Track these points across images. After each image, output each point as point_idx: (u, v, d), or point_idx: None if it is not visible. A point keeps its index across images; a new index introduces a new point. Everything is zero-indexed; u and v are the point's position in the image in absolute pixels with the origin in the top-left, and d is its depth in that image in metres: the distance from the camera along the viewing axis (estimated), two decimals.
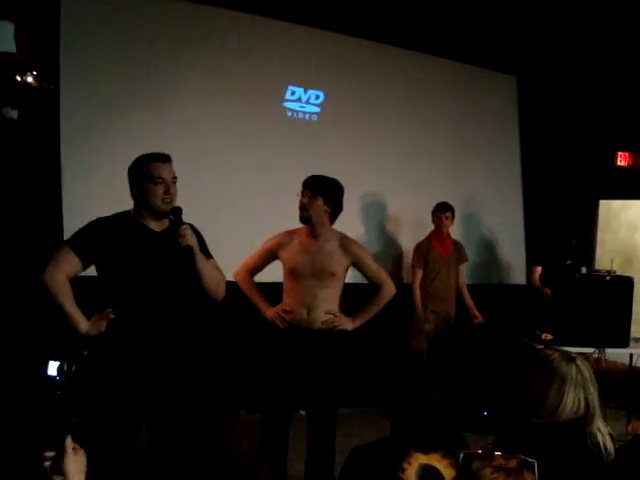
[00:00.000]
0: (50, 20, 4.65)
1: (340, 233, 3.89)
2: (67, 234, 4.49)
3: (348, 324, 3.98)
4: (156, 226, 3.04)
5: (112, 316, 2.90)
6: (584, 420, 2.27)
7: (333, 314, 3.86)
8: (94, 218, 3.01)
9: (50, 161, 4.65)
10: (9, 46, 4.37)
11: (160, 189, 2.99)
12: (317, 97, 5.97)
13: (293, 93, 5.87)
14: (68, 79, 4.73)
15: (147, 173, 2.99)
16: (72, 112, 4.76)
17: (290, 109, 5.86)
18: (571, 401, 2.26)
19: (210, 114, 5.39)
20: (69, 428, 2.86)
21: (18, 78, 4.32)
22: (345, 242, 3.87)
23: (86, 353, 2.43)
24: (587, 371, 2.33)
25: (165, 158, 3.03)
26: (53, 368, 2.08)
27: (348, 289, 5.81)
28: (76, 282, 2.95)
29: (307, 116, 5.95)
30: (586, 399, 2.28)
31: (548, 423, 2.27)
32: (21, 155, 4.49)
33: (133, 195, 3.02)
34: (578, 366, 2.32)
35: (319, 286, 3.80)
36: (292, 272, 3.78)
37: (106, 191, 4.68)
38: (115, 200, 3.14)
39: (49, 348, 2.13)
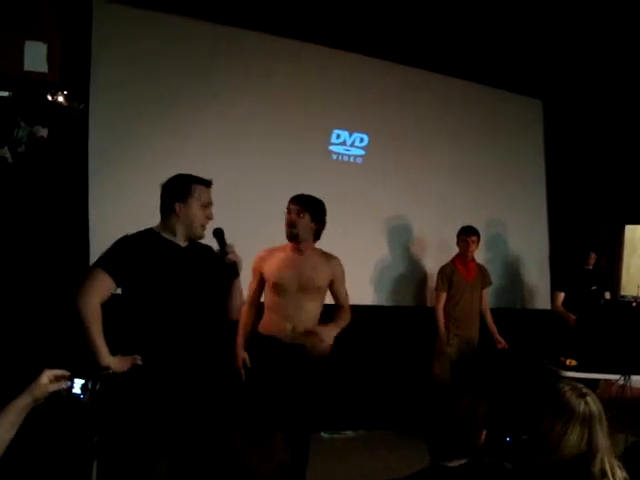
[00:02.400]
0: (81, 41, 4.73)
1: (320, 249, 3.95)
2: (93, 251, 4.58)
3: (326, 347, 3.80)
4: (181, 242, 3.07)
5: (139, 362, 2.88)
6: (587, 459, 2.18)
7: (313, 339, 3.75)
8: (120, 235, 3.03)
9: (78, 178, 4.71)
10: (41, 66, 4.44)
11: (204, 214, 3.05)
12: (362, 140, 6.07)
13: (338, 137, 5.98)
14: (97, 99, 4.80)
15: (195, 194, 3.03)
16: (100, 131, 4.82)
17: (335, 152, 5.97)
18: (574, 438, 2.19)
19: (251, 149, 5.43)
20: (93, 446, 2.88)
21: (49, 97, 4.39)
22: (328, 258, 3.93)
23: (111, 372, 2.44)
24: (596, 408, 2.24)
25: (210, 184, 3.10)
26: (77, 386, 2.08)
27: (369, 311, 5.85)
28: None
29: (352, 159, 6.04)
30: (590, 437, 2.19)
31: (551, 462, 2.19)
32: (50, 172, 4.55)
33: (173, 210, 3.02)
34: (588, 402, 2.24)
35: (304, 300, 3.81)
36: (277, 287, 3.80)
37: (133, 208, 4.73)
38: (142, 216, 3.16)
39: (74, 366, 2.14)
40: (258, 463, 1.44)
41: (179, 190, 3.03)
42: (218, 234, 3.11)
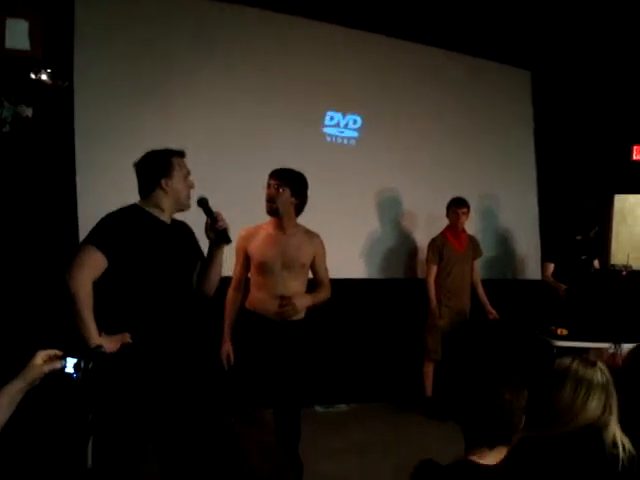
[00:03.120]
0: (64, 17, 4.66)
1: (303, 226, 3.92)
2: (82, 231, 4.55)
3: (298, 311, 3.81)
4: (166, 218, 3.06)
5: (129, 341, 2.85)
6: (599, 427, 2.22)
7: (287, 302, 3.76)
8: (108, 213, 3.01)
9: (65, 158, 4.67)
10: (23, 44, 4.38)
11: (187, 184, 3.06)
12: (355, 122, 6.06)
13: (332, 118, 5.95)
14: (82, 76, 4.74)
15: (177, 167, 3.02)
16: (86, 109, 4.77)
17: (329, 134, 5.94)
18: (595, 406, 2.22)
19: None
20: (87, 425, 2.88)
21: (32, 76, 4.33)
22: (310, 234, 3.91)
23: (103, 350, 2.43)
24: (608, 375, 2.30)
25: (185, 154, 3.09)
26: (70, 365, 2.07)
27: (360, 284, 5.86)
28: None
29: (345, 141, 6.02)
30: (608, 403, 2.24)
31: (561, 434, 2.21)
32: (36, 152, 4.50)
33: (159, 186, 2.99)
34: (602, 370, 2.29)
35: (290, 278, 3.79)
36: (262, 265, 3.77)
37: (121, 187, 4.66)
38: (129, 195, 3.14)
39: (66, 345, 2.13)
40: (246, 441, 1.42)
41: (161, 166, 3.01)
42: (203, 203, 3.10)
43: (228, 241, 3.09)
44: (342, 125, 5.99)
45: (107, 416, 2.88)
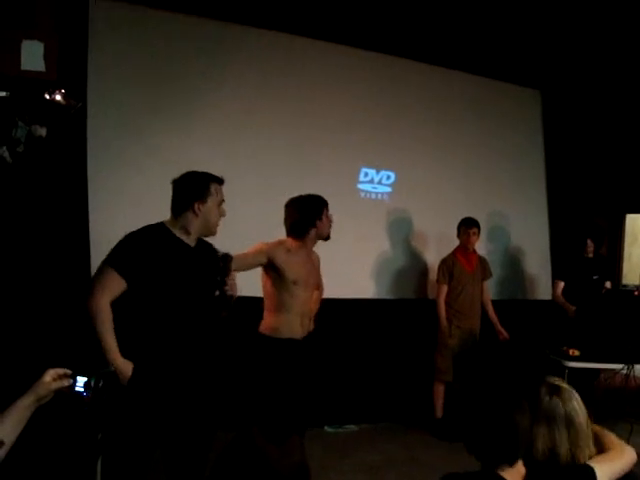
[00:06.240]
0: (78, 39, 4.72)
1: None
2: (94, 249, 4.58)
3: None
4: (191, 241, 3.05)
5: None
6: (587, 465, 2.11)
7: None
8: (120, 232, 3.01)
9: (77, 177, 4.70)
10: (39, 65, 4.43)
11: (219, 212, 3.07)
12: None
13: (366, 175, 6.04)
14: (95, 97, 4.79)
15: (213, 193, 3.03)
16: (99, 129, 4.82)
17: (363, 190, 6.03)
18: (541, 436, 2.14)
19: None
20: (96, 443, 2.88)
21: (47, 96, 4.38)
22: (315, 255, 4.17)
23: (113, 369, 2.44)
24: (565, 407, 2.18)
25: (223, 181, 3.10)
26: (80, 384, 2.08)
27: (370, 304, 5.85)
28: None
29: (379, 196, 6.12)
30: (559, 436, 2.14)
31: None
32: (50, 171, 4.54)
33: (191, 209, 2.99)
34: (557, 400, 2.19)
35: (309, 297, 4.03)
36: (294, 283, 3.87)
37: (132, 206, 4.73)
38: (141, 215, 3.15)
39: (77, 364, 2.14)
40: (277, 461, 1.44)
41: (198, 189, 3.01)
42: (226, 260, 3.10)
43: (228, 308, 3.06)
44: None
45: (120, 435, 2.88)
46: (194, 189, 3.01)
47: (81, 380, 2.08)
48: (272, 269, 3.87)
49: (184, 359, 2.97)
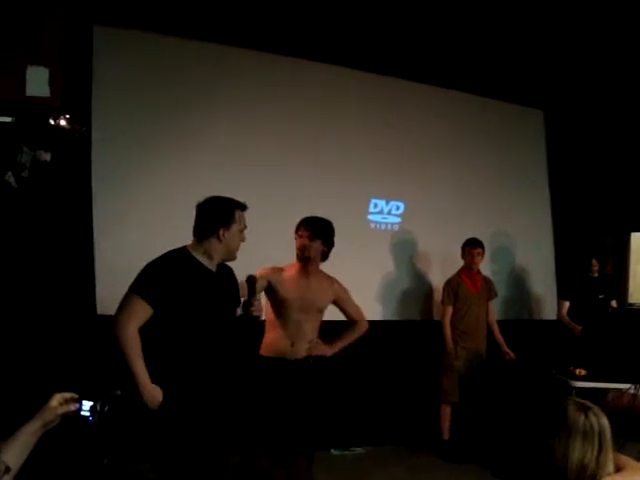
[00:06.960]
0: (82, 65, 4.76)
1: (323, 271, 4.07)
2: (99, 274, 4.59)
3: (327, 350, 4.04)
4: (213, 266, 3.08)
5: None
6: None
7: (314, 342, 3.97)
8: (126, 257, 3.03)
9: (82, 202, 4.72)
10: (44, 91, 4.47)
11: (241, 238, 3.11)
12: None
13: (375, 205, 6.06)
14: (99, 122, 4.82)
15: (237, 220, 3.07)
16: (103, 153, 4.84)
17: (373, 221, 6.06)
18: (577, 455, 2.04)
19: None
20: (102, 468, 2.86)
21: (51, 121, 4.42)
22: (330, 280, 4.07)
23: (119, 393, 2.43)
24: (598, 424, 2.10)
25: (247, 208, 3.14)
26: (86, 408, 2.08)
27: (375, 326, 5.82)
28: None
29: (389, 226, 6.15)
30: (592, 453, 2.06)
31: None
32: (54, 196, 4.56)
33: (215, 235, 3.02)
34: (588, 416, 2.10)
35: (305, 320, 3.93)
36: (282, 303, 3.88)
37: (138, 231, 4.74)
38: (147, 239, 3.17)
39: (83, 387, 2.14)
40: None
41: (223, 215, 3.05)
42: (251, 281, 3.17)
43: (250, 327, 3.17)
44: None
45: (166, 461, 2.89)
46: (219, 215, 3.05)
47: (87, 404, 2.07)
48: (269, 290, 3.92)
49: (211, 382, 3.00)
